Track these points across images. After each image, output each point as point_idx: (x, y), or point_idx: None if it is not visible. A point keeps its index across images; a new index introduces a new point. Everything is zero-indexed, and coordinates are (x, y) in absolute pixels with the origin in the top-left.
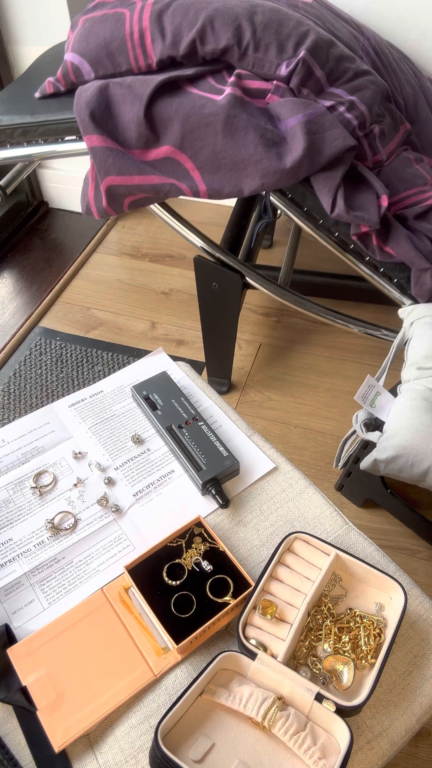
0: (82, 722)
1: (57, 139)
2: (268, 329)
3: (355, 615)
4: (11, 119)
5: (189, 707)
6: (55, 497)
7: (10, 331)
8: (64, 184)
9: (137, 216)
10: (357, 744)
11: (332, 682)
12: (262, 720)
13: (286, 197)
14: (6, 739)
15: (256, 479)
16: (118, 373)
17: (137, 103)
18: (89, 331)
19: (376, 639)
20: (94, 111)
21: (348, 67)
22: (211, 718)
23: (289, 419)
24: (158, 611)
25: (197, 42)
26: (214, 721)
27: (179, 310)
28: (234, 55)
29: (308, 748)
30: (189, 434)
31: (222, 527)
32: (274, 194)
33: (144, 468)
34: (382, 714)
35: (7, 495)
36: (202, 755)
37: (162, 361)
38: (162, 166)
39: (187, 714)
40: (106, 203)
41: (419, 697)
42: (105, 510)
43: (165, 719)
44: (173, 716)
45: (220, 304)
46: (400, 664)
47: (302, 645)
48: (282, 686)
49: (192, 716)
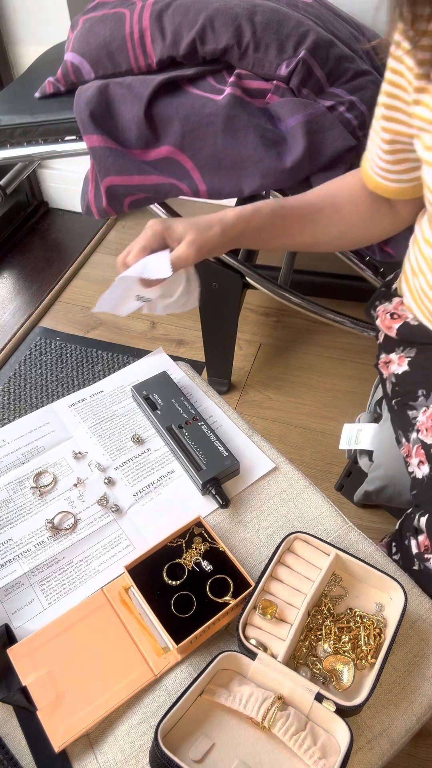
0: (82, 722)
1: (57, 139)
2: (268, 329)
3: (355, 615)
4: (11, 119)
5: (189, 707)
6: (55, 497)
7: (10, 331)
8: (64, 184)
9: (137, 216)
10: (357, 744)
11: (332, 682)
12: (262, 720)
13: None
14: (6, 739)
15: (256, 479)
16: (118, 373)
17: (137, 103)
18: (89, 331)
19: (376, 639)
20: (94, 111)
21: (348, 67)
22: (211, 718)
23: (289, 419)
24: (158, 611)
25: (197, 42)
26: (214, 721)
27: None
28: (234, 55)
29: (308, 748)
30: (189, 434)
31: (222, 527)
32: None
33: (144, 468)
34: (382, 714)
35: (7, 495)
36: (202, 755)
37: (162, 361)
38: (162, 166)
39: (187, 714)
40: (106, 203)
41: (419, 697)
42: (105, 510)
43: (165, 719)
44: (173, 716)
45: (220, 304)
46: (400, 664)
47: (302, 645)
48: (282, 686)
49: (192, 716)
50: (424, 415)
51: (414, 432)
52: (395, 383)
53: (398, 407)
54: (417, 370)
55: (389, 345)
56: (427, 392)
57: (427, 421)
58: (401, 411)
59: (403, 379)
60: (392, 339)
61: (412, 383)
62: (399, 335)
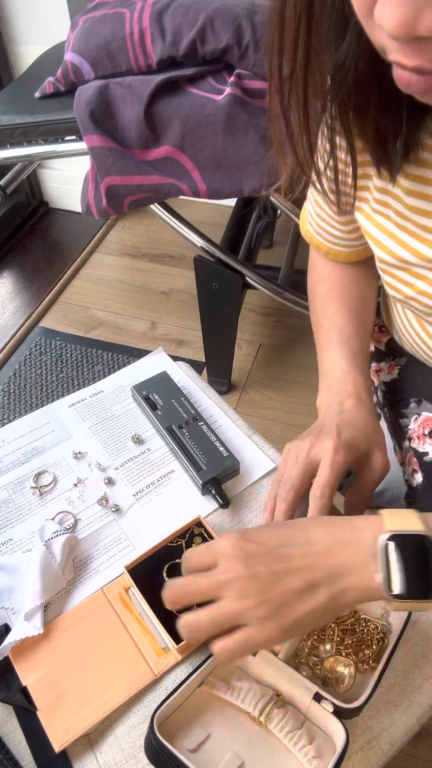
0: (82, 722)
1: (57, 139)
2: (268, 329)
3: (359, 618)
4: (11, 119)
5: (187, 697)
6: (55, 497)
7: (10, 331)
8: (64, 184)
9: (137, 216)
10: (357, 744)
11: (332, 683)
12: (259, 715)
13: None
14: (6, 739)
15: (256, 479)
16: (118, 373)
17: (137, 103)
18: (89, 331)
19: (379, 643)
20: (94, 111)
21: None
22: (208, 710)
23: (289, 419)
24: (158, 611)
25: (197, 42)
26: (212, 713)
27: (179, 310)
28: (234, 55)
29: (303, 747)
30: (189, 434)
31: (222, 527)
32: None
33: (144, 468)
34: (382, 714)
35: (7, 495)
36: (196, 745)
37: (162, 361)
38: (162, 166)
39: (184, 704)
40: (106, 203)
41: (419, 697)
42: (105, 510)
43: (162, 707)
44: (170, 705)
45: (220, 304)
46: (400, 664)
47: (304, 644)
48: (281, 683)
49: (189, 707)
50: (415, 423)
51: (406, 440)
52: (385, 391)
53: (390, 415)
54: (407, 378)
55: (379, 355)
56: (418, 400)
57: (418, 429)
58: (393, 419)
59: (393, 387)
60: (381, 350)
61: (403, 391)
62: (387, 349)
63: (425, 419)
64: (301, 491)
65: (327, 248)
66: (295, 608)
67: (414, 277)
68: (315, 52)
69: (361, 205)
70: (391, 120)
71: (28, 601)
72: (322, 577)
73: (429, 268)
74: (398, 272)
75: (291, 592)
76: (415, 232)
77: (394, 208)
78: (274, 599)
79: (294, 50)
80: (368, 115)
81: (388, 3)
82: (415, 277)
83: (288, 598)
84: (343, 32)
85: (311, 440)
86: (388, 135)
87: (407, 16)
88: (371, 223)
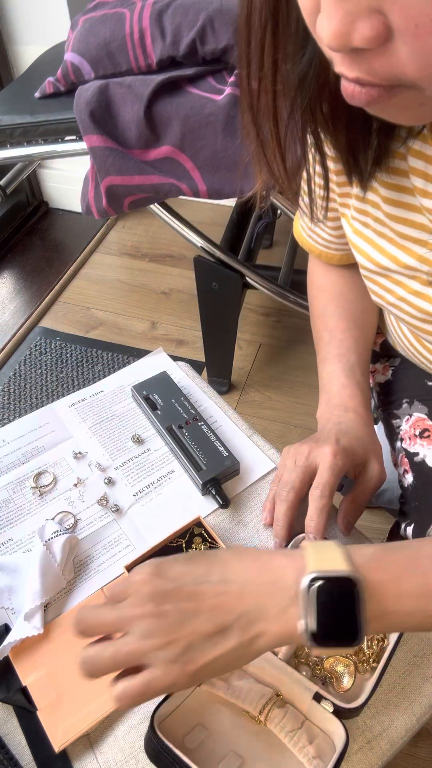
0: (82, 722)
1: (57, 139)
2: (268, 329)
3: None
4: (11, 119)
5: (187, 696)
6: (55, 497)
7: (10, 331)
8: (64, 184)
9: (137, 216)
10: (357, 744)
11: (332, 684)
12: (259, 714)
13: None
14: (6, 739)
15: (256, 479)
16: (118, 373)
17: (137, 103)
18: (89, 331)
19: (379, 643)
20: (94, 111)
21: None
22: (208, 709)
23: (289, 419)
24: None
25: (197, 42)
26: (212, 712)
27: (179, 310)
28: (234, 54)
29: (303, 746)
30: (189, 434)
31: (222, 527)
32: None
33: (144, 468)
34: (382, 714)
35: (7, 495)
36: (196, 744)
37: (162, 361)
38: (162, 166)
39: (184, 703)
40: (106, 203)
41: (419, 697)
42: (105, 510)
43: (162, 705)
44: (170, 703)
45: (220, 304)
46: (400, 664)
47: None
48: (281, 683)
49: (189, 706)
50: (407, 423)
51: (398, 441)
52: (380, 392)
53: (384, 415)
54: (400, 379)
55: (374, 356)
56: (410, 401)
57: (409, 429)
58: (387, 419)
59: (387, 388)
60: (376, 351)
61: (396, 392)
62: (382, 350)
63: (416, 420)
64: (301, 493)
65: (319, 251)
66: (204, 652)
67: (393, 283)
68: (281, 61)
69: (345, 211)
70: (359, 130)
71: (28, 601)
72: (234, 620)
73: (407, 275)
74: (379, 278)
75: (199, 634)
76: (393, 239)
77: (373, 216)
78: (181, 641)
79: (260, 61)
80: (338, 126)
81: (325, 15)
82: (394, 284)
83: (196, 641)
84: (305, 43)
85: (311, 445)
86: (358, 145)
87: (342, 28)
88: (352, 230)
